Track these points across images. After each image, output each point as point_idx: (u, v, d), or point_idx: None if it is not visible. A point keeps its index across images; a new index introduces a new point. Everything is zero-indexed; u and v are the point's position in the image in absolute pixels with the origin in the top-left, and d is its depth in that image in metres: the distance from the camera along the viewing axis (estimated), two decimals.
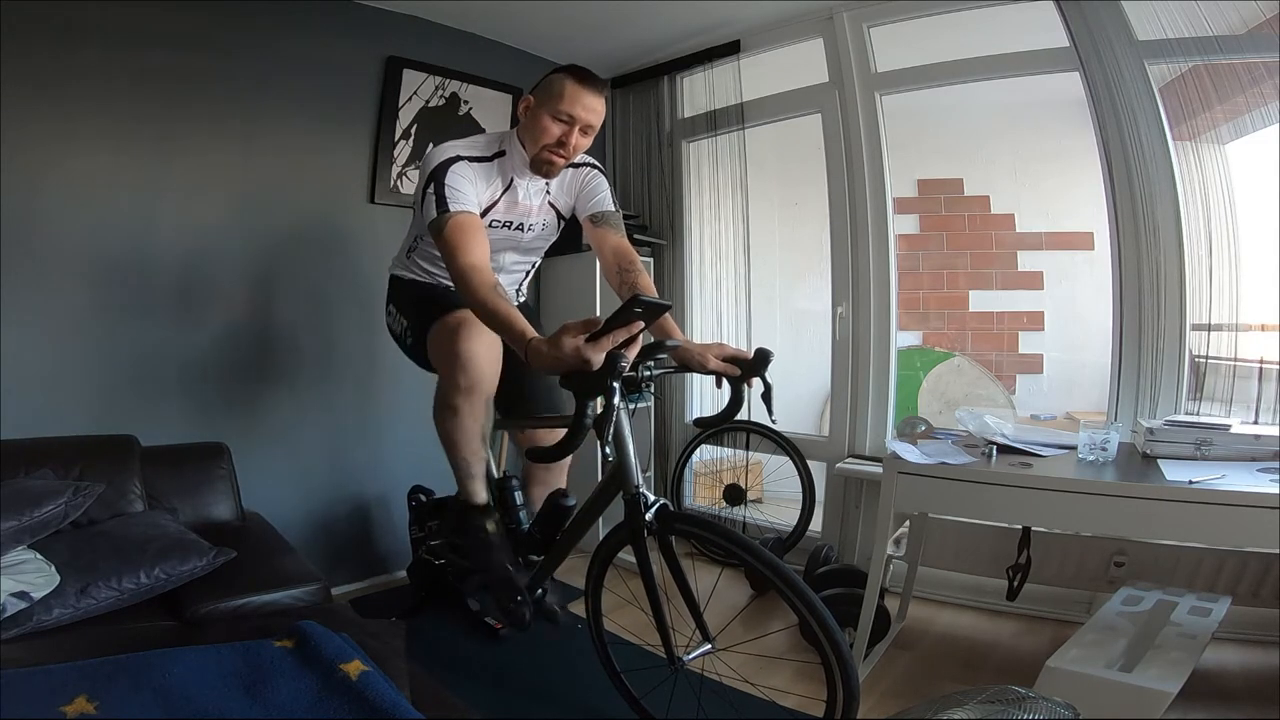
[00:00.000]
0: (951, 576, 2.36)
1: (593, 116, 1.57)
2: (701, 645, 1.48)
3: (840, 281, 2.76)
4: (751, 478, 2.96)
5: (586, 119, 1.56)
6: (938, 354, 3.33)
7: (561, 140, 1.56)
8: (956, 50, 2.48)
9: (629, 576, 1.55)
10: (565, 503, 1.73)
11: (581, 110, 1.54)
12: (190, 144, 2.23)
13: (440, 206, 1.50)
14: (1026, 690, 1.08)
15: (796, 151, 3.14)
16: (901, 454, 1.78)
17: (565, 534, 1.71)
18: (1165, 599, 1.82)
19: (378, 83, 2.61)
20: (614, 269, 1.66)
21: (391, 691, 1.08)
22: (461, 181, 1.54)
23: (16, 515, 1.49)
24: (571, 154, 1.60)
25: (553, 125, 1.56)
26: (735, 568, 2.59)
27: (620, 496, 1.50)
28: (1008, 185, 3.22)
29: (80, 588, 1.43)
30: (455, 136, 1.66)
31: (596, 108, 1.56)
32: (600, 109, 1.57)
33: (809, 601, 1.30)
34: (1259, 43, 1.99)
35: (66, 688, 1.02)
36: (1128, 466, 1.70)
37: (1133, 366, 2.19)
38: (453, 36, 2.79)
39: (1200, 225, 2.11)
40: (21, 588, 1.36)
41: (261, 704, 1.06)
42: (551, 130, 1.56)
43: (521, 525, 1.83)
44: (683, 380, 3.19)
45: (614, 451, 1.41)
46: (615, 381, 1.26)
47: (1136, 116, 2.14)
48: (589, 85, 1.55)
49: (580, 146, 1.60)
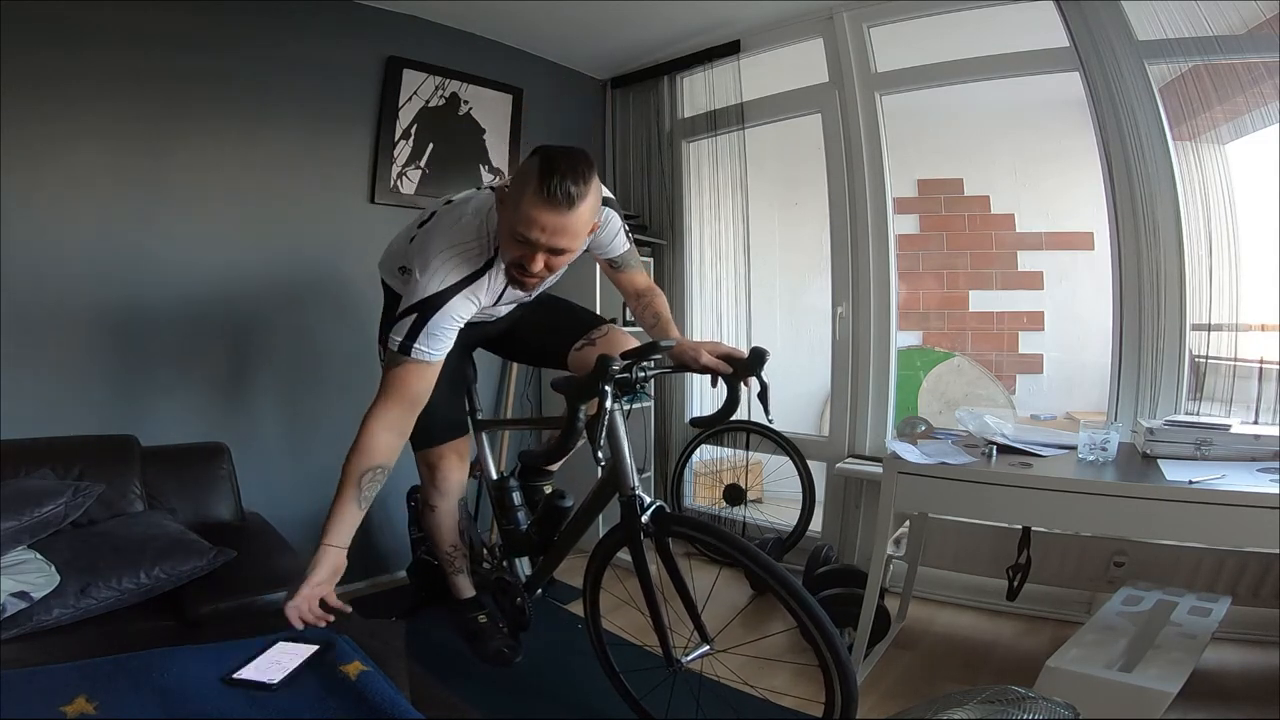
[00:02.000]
0: (951, 576, 2.36)
1: (559, 239, 1.25)
2: (700, 646, 1.48)
3: (840, 281, 2.76)
4: (751, 478, 2.96)
5: (550, 243, 1.25)
6: (938, 354, 3.33)
7: (521, 263, 1.30)
8: (956, 50, 2.48)
9: (627, 577, 1.55)
10: (563, 504, 1.73)
11: (539, 232, 1.24)
12: (190, 144, 2.23)
13: (408, 339, 1.33)
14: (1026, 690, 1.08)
15: (796, 151, 3.14)
16: (901, 454, 1.78)
17: (563, 535, 1.71)
18: (1165, 599, 1.82)
19: (378, 83, 2.61)
20: (634, 297, 1.71)
21: (391, 691, 1.08)
22: (446, 331, 1.35)
23: (16, 515, 1.49)
24: (542, 277, 1.35)
25: (512, 245, 1.30)
26: (734, 567, 2.58)
27: (617, 498, 1.50)
28: (1008, 185, 3.22)
29: (80, 588, 1.43)
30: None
31: (563, 228, 1.24)
32: (570, 226, 1.25)
33: (805, 604, 1.30)
34: (1259, 43, 1.99)
35: (66, 688, 1.02)
36: (1128, 466, 1.70)
37: (1133, 366, 2.19)
38: (453, 36, 2.79)
39: (1200, 225, 2.11)
40: (21, 588, 1.36)
41: (261, 704, 1.06)
42: (511, 250, 1.30)
43: (519, 526, 1.83)
44: (682, 380, 3.19)
45: (608, 454, 1.41)
46: (607, 385, 1.25)
47: (1136, 116, 2.14)
48: (552, 201, 1.20)
49: (555, 267, 1.33)
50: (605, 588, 1.67)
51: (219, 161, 2.29)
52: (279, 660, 1.16)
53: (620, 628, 1.89)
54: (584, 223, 1.28)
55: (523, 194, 1.23)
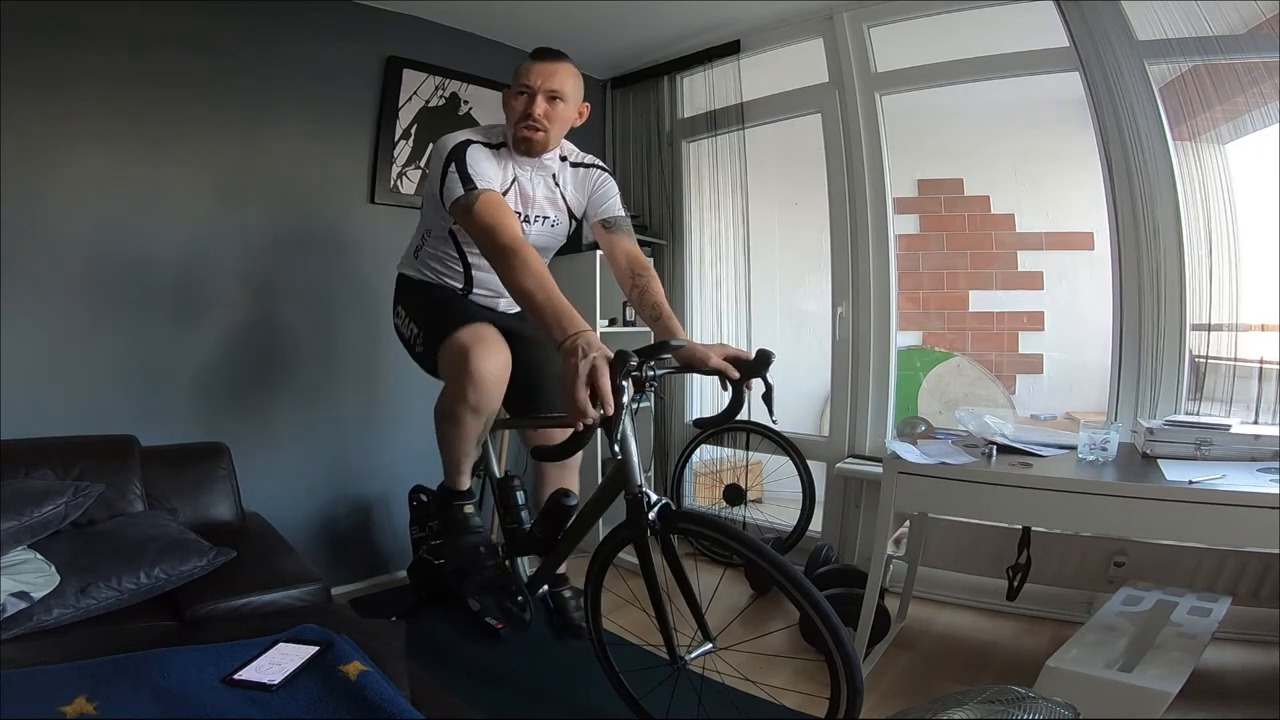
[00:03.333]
0: (951, 576, 2.36)
1: (551, 81, 1.57)
2: (703, 645, 1.48)
3: (840, 281, 2.76)
4: (751, 478, 2.96)
5: (545, 85, 1.56)
6: (938, 354, 3.33)
7: (526, 112, 1.57)
8: (956, 50, 2.48)
9: (629, 576, 1.55)
10: (567, 502, 1.73)
11: (535, 78, 1.56)
12: (190, 144, 2.23)
13: (466, 184, 1.48)
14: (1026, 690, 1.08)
15: (796, 151, 3.13)
16: (901, 454, 1.78)
17: (567, 534, 1.71)
18: (1165, 599, 1.82)
19: (378, 83, 2.61)
20: (627, 274, 1.68)
21: (391, 691, 1.08)
22: (482, 162, 1.55)
23: (16, 515, 1.48)
24: (544, 123, 1.58)
25: (515, 100, 1.58)
26: (737, 567, 2.59)
27: (622, 496, 1.50)
28: (1008, 185, 3.22)
29: (80, 588, 1.43)
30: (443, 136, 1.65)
31: (551, 72, 1.57)
32: (557, 73, 1.58)
33: (813, 598, 1.30)
34: (1259, 43, 1.99)
35: (66, 688, 1.02)
36: (1128, 466, 1.70)
37: (1133, 366, 2.19)
38: (453, 36, 2.79)
39: (1200, 225, 2.11)
40: (21, 588, 1.36)
41: (261, 704, 1.06)
42: (515, 106, 1.58)
43: (523, 525, 1.83)
44: (683, 380, 3.19)
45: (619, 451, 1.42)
46: (625, 381, 1.26)
47: (1136, 116, 2.14)
48: (541, 55, 1.58)
49: (553, 116, 1.59)
50: (607, 587, 1.67)
51: (219, 161, 2.29)
52: (279, 660, 1.16)
53: (622, 627, 1.89)
54: (570, 79, 1.60)
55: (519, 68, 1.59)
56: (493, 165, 1.59)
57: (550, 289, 1.28)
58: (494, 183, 1.55)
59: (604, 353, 1.18)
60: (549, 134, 1.61)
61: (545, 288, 1.28)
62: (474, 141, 1.58)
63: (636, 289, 1.66)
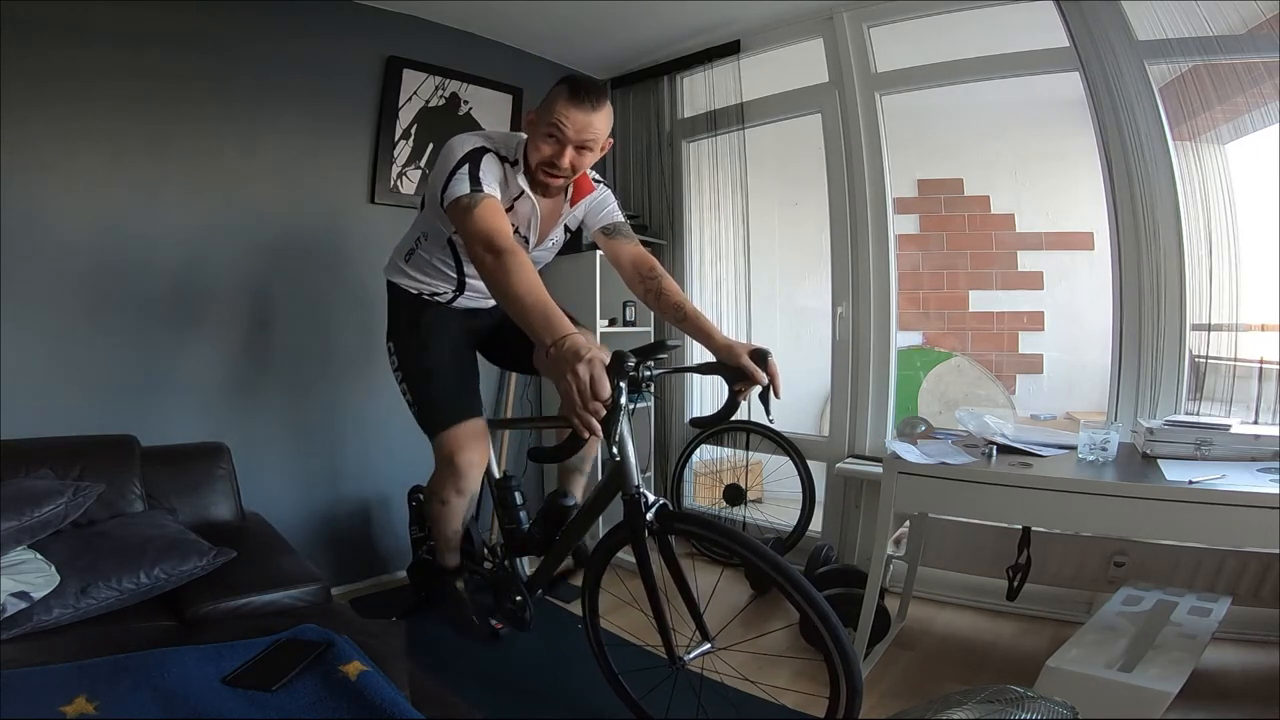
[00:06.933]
0: (951, 576, 2.36)
1: (586, 134, 1.47)
2: (701, 645, 1.48)
3: (840, 281, 2.76)
4: (751, 478, 2.96)
5: (578, 138, 1.47)
6: (938, 354, 3.33)
7: (553, 160, 1.49)
8: (956, 50, 2.48)
9: (627, 577, 1.55)
10: (565, 502, 1.73)
11: (570, 128, 1.45)
12: (190, 144, 2.23)
13: (474, 185, 1.44)
14: (1026, 690, 1.08)
15: (796, 151, 3.13)
16: (901, 454, 1.78)
17: (564, 534, 1.71)
18: (1165, 599, 1.82)
19: (378, 83, 2.61)
20: (636, 278, 1.66)
21: (391, 691, 1.08)
22: (491, 174, 1.49)
23: (16, 515, 1.49)
24: (568, 173, 1.52)
25: (544, 144, 1.49)
26: (735, 567, 2.59)
27: (620, 496, 1.50)
28: (1008, 185, 3.22)
29: (80, 588, 1.43)
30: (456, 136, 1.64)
31: (589, 124, 1.46)
32: (595, 124, 1.47)
33: (811, 598, 1.31)
34: (1259, 43, 1.99)
35: (66, 688, 1.02)
36: (1128, 466, 1.70)
37: (1133, 366, 2.19)
38: (453, 36, 2.79)
39: (1200, 225, 2.11)
40: (21, 588, 1.36)
41: (261, 704, 1.06)
42: (543, 149, 1.49)
43: (521, 525, 1.83)
44: (683, 380, 3.19)
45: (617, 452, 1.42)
46: (622, 382, 1.26)
47: (1136, 116, 2.14)
48: (580, 101, 1.44)
49: (580, 165, 1.52)
50: (605, 588, 1.67)
51: (218, 161, 2.29)
52: (279, 660, 1.17)
53: (620, 628, 1.89)
54: (604, 125, 1.50)
55: (554, 102, 1.46)
56: (501, 180, 1.54)
57: (541, 294, 1.25)
58: (498, 194, 1.49)
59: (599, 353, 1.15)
60: (571, 180, 1.59)
61: (535, 293, 1.25)
62: (489, 150, 1.52)
63: (650, 292, 1.62)
